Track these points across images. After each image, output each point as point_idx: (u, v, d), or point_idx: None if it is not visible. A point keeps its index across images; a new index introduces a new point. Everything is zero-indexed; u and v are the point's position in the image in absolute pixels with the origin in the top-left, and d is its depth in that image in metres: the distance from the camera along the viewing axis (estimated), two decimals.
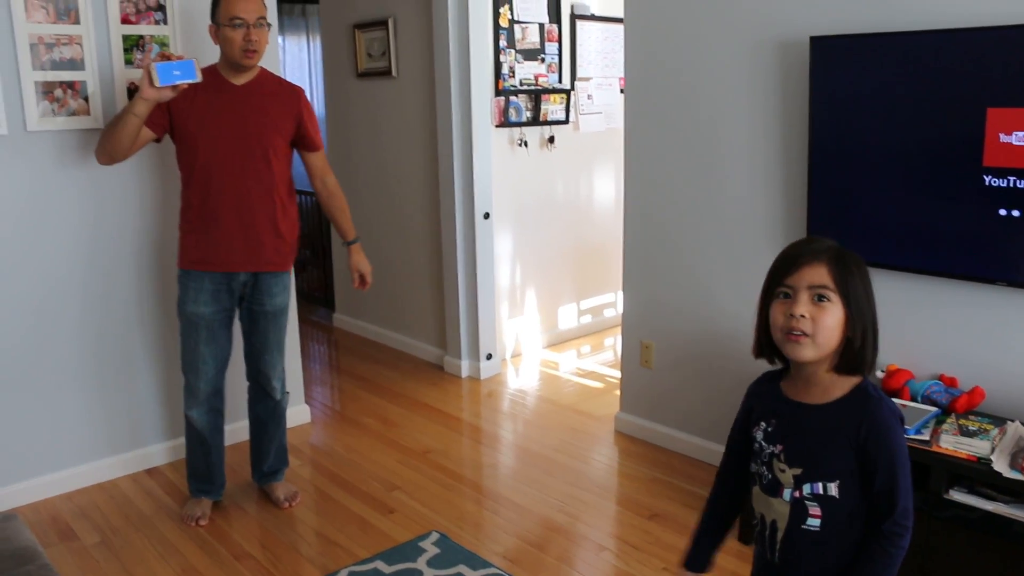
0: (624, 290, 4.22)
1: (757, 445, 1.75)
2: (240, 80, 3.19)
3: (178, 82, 2.90)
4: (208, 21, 3.20)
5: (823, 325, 1.60)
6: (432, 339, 5.45)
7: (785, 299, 1.64)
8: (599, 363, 5.44)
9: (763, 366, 1.81)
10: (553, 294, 5.76)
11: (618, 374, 4.52)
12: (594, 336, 5.98)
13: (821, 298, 1.60)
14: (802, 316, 1.60)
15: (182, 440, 3.96)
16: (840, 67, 3.12)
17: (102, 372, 3.77)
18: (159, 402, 3.96)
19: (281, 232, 3.29)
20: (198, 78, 2.93)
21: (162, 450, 3.98)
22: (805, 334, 1.60)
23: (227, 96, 3.17)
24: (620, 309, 5.21)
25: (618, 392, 4.41)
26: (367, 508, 3.56)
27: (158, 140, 3.20)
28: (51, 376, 3.63)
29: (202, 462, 3.48)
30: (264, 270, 3.29)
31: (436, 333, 5.39)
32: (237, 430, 4.04)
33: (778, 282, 1.65)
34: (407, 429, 4.37)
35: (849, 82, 3.10)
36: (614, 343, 5.77)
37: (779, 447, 1.71)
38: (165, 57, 2.91)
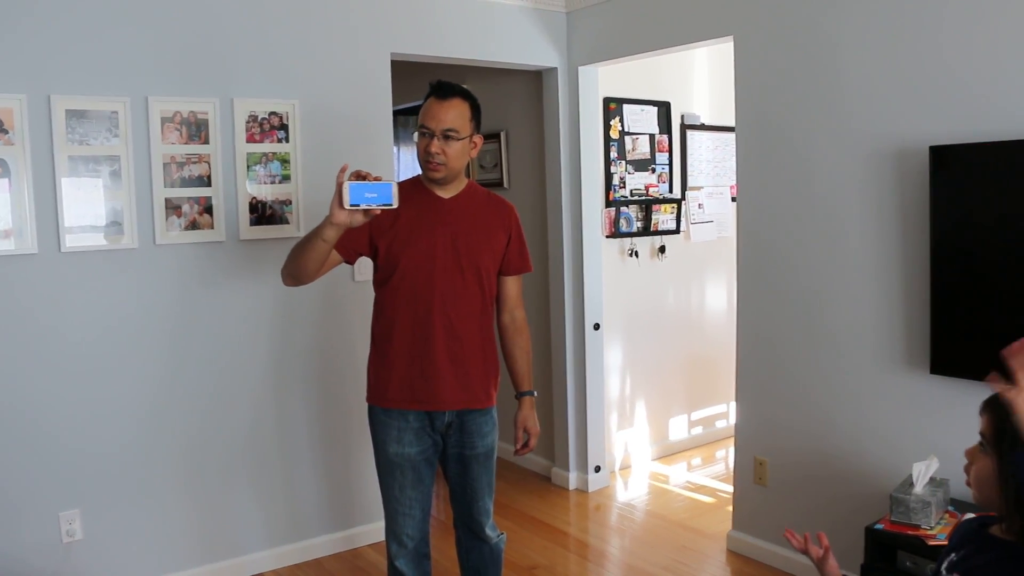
0: (738, 405, 4.11)
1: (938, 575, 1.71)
2: (447, 193, 2.83)
3: (370, 205, 2.48)
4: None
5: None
6: (540, 450, 5.38)
7: None
8: (710, 476, 5.28)
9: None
10: (663, 405, 5.66)
11: (730, 488, 4.38)
12: (705, 448, 5.83)
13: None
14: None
15: (286, 547, 4.02)
16: (962, 176, 3.04)
17: (207, 478, 3.84)
18: (262, 509, 4.00)
19: (489, 364, 2.93)
20: (394, 204, 2.50)
21: (266, 557, 4.00)
22: None
23: (433, 211, 2.80)
24: (732, 420, 5.08)
25: (730, 508, 4.26)
26: None
27: (350, 263, 2.88)
28: (161, 481, 3.72)
29: None
30: (473, 408, 2.89)
31: (544, 444, 5.33)
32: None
33: None
34: (513, 543, 4.28)
35: (973, 191, 3.02)
36: (726, 456, 5.61)
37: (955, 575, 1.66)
38: (360, 177, 2.50)
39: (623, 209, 5.17)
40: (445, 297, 2.79)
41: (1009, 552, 1.59)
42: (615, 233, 5.15)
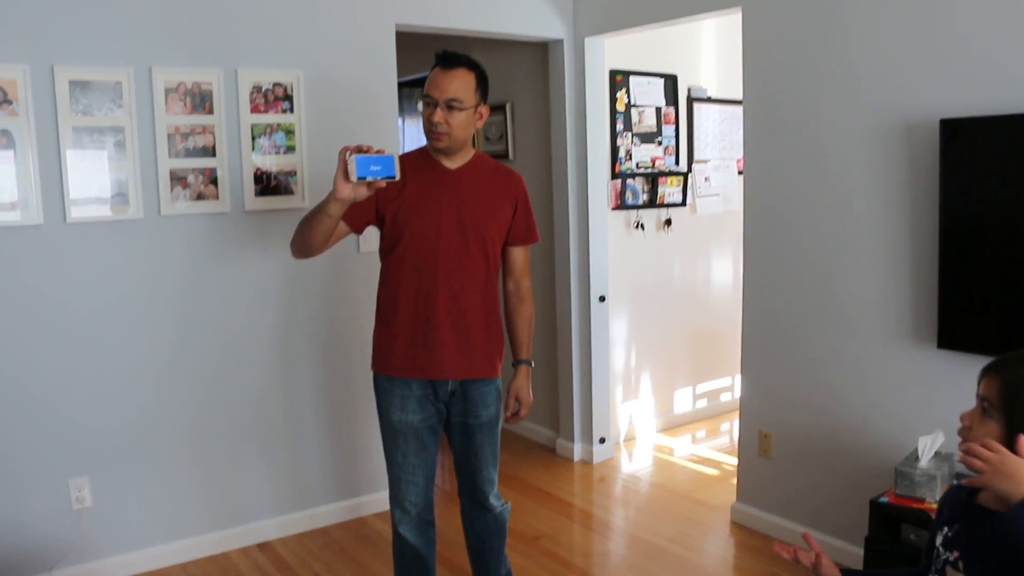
0: (743, 377, 4.11)
1: (934, 551, 1.68)
2: (454, 164, 2.83)
3: (375, 177, 2.51)
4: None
5: None
6: (545, 421, 5.41)
7: None
8: (715, 449, 5.30)
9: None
10: (668, 377, 5.66)
11: (734, 461, 4.39)
12: (710, 421, 5.84)
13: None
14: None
15: (293, 515, 4.05)
16: (973, 150, 3.02)
17: (215, 447, 3.87)
18: (269, 478, 4.03)
19: (493, 335, 2.92)
20: (396, 176, 2.54)
21: (273, 525, 4.04)
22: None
23: (439, 181, 2.80)
24: (737, 393, 5.09)
25: (734, 480, 4.27)
26: None
27: (359, 232, 2.88)
28: (168, 449, 3.75)
29: None
30: (476, 377, 2.89)
31: (549, 415, 5.35)
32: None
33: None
34: (518, 513, 4.30)
35: (983, 165, 3.00)
36: (730, 428, 5.62)
37: (955, 554, 1.65)
38: (362, 151, 2.52)
39: (629, 181, 5.15)
40: (449, 267, 2.79)
41: None
42: (621, 205, 5.13)
